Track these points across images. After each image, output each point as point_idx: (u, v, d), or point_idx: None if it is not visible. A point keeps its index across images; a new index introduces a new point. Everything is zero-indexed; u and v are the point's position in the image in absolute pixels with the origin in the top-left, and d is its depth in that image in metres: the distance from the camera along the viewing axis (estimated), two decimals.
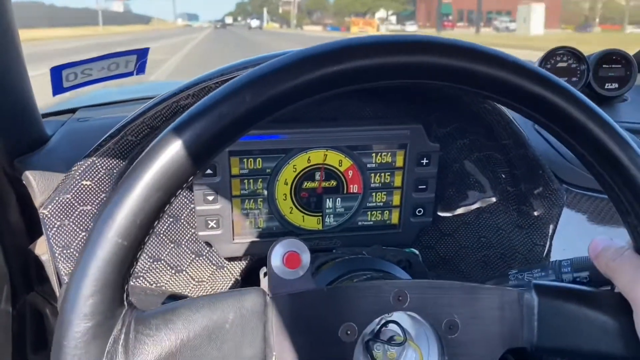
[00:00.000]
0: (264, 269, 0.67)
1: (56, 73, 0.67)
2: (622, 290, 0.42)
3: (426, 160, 0.69)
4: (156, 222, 0.34)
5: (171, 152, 0.33)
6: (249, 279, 0.73)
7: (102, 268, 0.32)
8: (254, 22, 64.62)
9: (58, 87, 0.68)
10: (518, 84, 0.36)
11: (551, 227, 0.74)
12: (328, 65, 0.34)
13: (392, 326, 0.45)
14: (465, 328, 0.42)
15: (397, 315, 0.45)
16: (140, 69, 0.74)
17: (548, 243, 0.75)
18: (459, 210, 0.76)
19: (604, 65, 0.96)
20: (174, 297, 0.57)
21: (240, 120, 0.34)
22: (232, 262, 0.72)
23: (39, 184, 0.64)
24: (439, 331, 0.42)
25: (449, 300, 0.42)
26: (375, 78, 0.36)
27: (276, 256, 0.43)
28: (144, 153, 0.33)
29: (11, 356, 0.77)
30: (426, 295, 0.42)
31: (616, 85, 0.96)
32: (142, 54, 0.73)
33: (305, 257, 0.43)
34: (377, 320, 0.43)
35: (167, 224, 0.68)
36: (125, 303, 0.34)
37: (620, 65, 0.95)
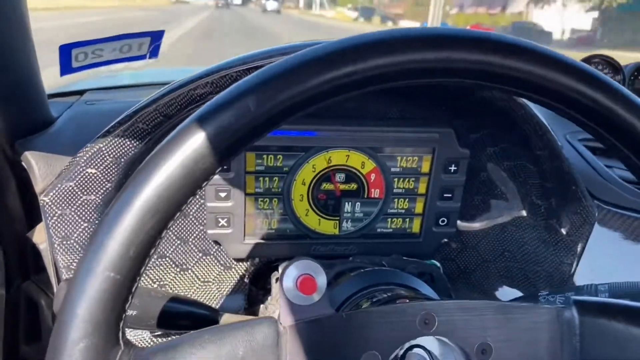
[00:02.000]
0: (275, 274, 0.63)
1: (65, 52, 0.63)
2: None
3: (454, 167, 0.64)
4: (153, 250, 0.29)
5: (167, 171, 0.28)
6: (257, 282, 0.69)
7: (92, 307, 0.28)
8: (271, 4, 49.00)
9: (67, 67, 0.63)
10: (570, 85, 0.32)
11: (580, 245, 0.70)
12: (380, 57, 0.30)
13: (418, 350, 0.41)
14: (499, 352, 0.38)
15: (423, 338, 0.41)
16: (154, 52, 0.70)
17: (576, 262, 0.71)
18: (484, 222, 0.72)
19: None
20: (177, 300, 0.53)
21: (247, 130, 0.29)
22: (240, 263, 0.68)
23: (41, 169, 0.60)
24: (471, 356, 0.39)
25: (480, 322, 0.38)
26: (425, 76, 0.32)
27: (289, 279, 0.38)
28: (135, 171, 0.29)
29: (2, 344, 0.73)
30: (455, 317, 0.38)
31: None
32: (156, 37, 0.69)
33: (322, 280, 0.39)
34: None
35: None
36: (122, 343, 0.30)
37: None
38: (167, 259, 0.65)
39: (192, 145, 0.28)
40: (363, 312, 0.41)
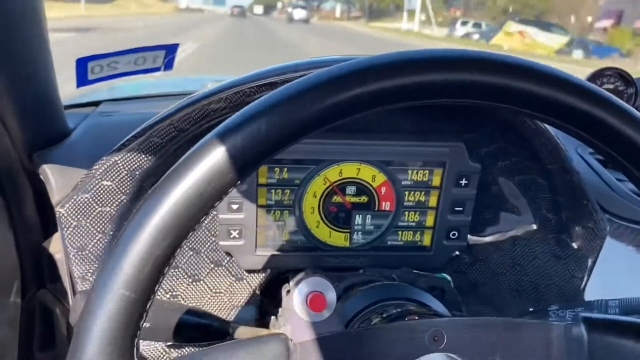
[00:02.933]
0: (286, 286, 0.63)
1: (82, 65, 0.64)
2: None
3: (465, 180, 0.65)
4: (167, 269, 0.30)
5: (181, 191, 0.29)
6: (268, 293, 0.70)
7: (108, 325, 0.29)
8: (298, 12, 41.22)
9: (83, 79, 0.65)
10: (577, 105, 0.32)
11: (591, 259, 0.70)
12: (408, 75, 0.30)
13: None
14: None
15: (432, 355, 0.41)
16: (168, 65, 0.71)
17: (586, 276, 0.70)
18: (495, 236, 0.72)
19: None
20: (192, 313, 0.54)
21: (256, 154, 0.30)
22: (252, 275, 0.69)
23: (58, 181, 0.62)
24: None
25: (489, 338, 0.39)
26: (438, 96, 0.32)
27: (299, 297, 0.39)
28: (150, 191, 0.30)
29: (17, 352, 0.75)
30: (464, 334, 0.39)
31: None
32: (170, 50, 0.70)
33: (331, 296, 0.39)
34: None
35: None
36: (136, 358, 0.31)
37: None
38: (179, 269, 0.66)
39: (204, 166, 0.29)
40: (373, 328, 0.41)
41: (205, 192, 0.29)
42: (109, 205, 0.61)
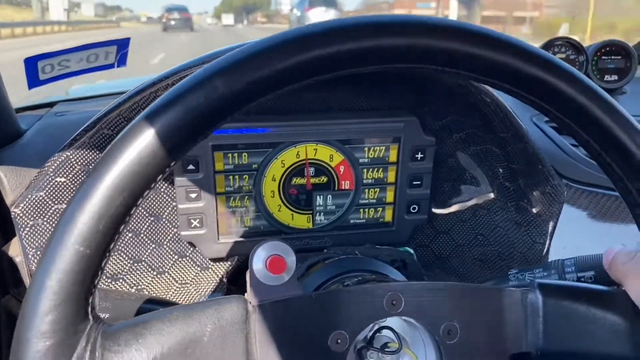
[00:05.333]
0: None
1: (31, 64, 0.63)
2: (631, 294, 0.40)
3: (421, 154, 0.65)
4: (122, 227, 0.30)
5: (136, 149, 0.29)
6: (235, 281, 0.70)
7: (62, 280, 0.29)
8: (317, 14, 19.41)
9: (34, 80, 0.64)
10: (521, 67, 0.33)
11: (551, 224, 0.71)
12: (314, 48, 0.30)
13: (386, 332, 0.42)
14: (464, 333, 0.39)
15: (391, 320, 0.42)
16: (122, 60, 0.70)
17: (548, 241, 0.72)
18: (455, 207, 0.73)
19: (603, 57, 0.93)
20: (153, 302, 0.54)
21: (210, 111, 0.30)
22: (217, 263, 0.68)
23: (10, 181, 0.61)
24: (437, 337, 0.39)
25: (446, 303, 0.39)
26: (361, 64, 0.32)
27: (258, 260, 0.39)
28: (106, 150, 0.30)
29: None
30: (422, 298, 0.39)
31: (615, 77, 0.93)
32: (122, 45, 0.69)
33: (291, 260, 0.39)
34: (370, 326, 0.40)
35: (147, 223, 0.65)
36: (91, 317, 0.31)
37: (620, 57, 0.93)
38: (142, 263, 0.65)
39: (159, 124, 0.29)
40: (331, 292, 0.42)
41: (160, 148, 0.29)
42: (65, 201, 0.60)
